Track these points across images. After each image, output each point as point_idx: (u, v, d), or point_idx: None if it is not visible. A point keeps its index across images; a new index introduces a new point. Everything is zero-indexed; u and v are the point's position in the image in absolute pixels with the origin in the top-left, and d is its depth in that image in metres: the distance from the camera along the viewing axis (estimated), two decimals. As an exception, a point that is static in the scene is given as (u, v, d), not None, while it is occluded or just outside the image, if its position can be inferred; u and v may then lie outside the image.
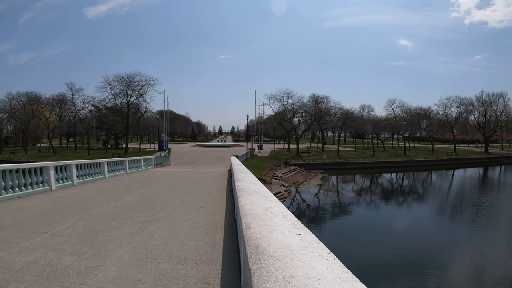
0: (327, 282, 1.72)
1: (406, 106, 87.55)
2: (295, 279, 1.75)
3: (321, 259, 2.06)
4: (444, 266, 17.71)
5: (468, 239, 22.48)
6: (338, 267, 1.93)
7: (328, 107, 79.08)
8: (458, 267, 18.04)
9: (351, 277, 1.79)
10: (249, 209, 3.70)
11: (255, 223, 2.98)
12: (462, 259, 19.21)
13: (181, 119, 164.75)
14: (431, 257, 18.48)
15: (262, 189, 5.89)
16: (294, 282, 1.71)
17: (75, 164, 17.66)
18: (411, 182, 54.68)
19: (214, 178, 22.37)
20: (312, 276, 1.79)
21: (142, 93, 70.63)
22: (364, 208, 34.09)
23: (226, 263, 5.59)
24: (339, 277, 1.78)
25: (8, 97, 77.05)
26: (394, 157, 71.60)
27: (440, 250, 19.97)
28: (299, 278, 1.76)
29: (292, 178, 48.87)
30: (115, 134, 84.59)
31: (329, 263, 1.99)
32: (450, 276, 16.74)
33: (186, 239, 6.99)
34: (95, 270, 5.18)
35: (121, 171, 24.66)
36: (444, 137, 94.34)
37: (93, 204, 11.40)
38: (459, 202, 35.43)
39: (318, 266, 1.93)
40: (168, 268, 5.32)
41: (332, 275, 1.81)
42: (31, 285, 4.60)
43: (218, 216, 9.39)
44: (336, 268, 1.92)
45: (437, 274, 16.66)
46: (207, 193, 14.55)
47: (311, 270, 1.87)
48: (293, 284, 1.68)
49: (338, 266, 1.95)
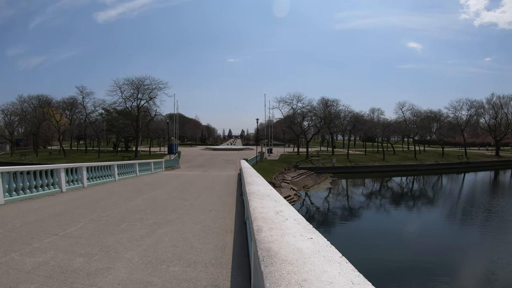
0: (340, 286, 1.72)
1: (416, 109, 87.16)
2: (308, 282, 1.75)
3: (333, 263, 2.06)
4: (454, 271, 17.57)
5: (479, 244, 22.22)
6: (350, 271, 1.93)
7: (337, 111, 78.81)
8: (468, 272, 17.85)
9: (363, 281, 1.78)
10: (260, 212, 3.71)
11: (266, 226, 2.99)
12: (472, 264, 19.01)
13: (191, 122, 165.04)
14: (441, 261, 18.31)
15: (272, 192, 5.89)
16: (307, 285, 1.71)
17: (85, 166, 17.79)
18: (421, 186, 54.19)
19: (224, 181, 22.39)
20: (324, 279, 1.79)
21: (152, 97, 71.11)
22: (374, 212, 33.90)
23: (236, 266, 5.58)
24: (351, 281, 1.78)
25: (20, 100, 78.12)
26: (404, 160, 71.00)
27: (451, 254, 19.80)
28: (311, 282, 1.76)
29: (301, 182, 48.71)
30: (125, 137, 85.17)
31: (341, 267, 1.98)
32: (460, 281, 16.58)
33: (196, 242, 7.00)
34: (105, 272, 5.21)
35: (131, 173, 24.82)
36: (454, 140, 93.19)
37: (103, 206, 11.47)
38: (469, 206, 35.04)
39: (330, 270, 1.93)
40: (178, 270, 5.32)
41: (345, 279, 1.81)
42: (41, 285, 4.63)
43: (228, 220, 9.40)
44: (348, 272, 1.91)
45: (447, 279, 16.51)
46: (217, 196, 14.57)
47: (323, 274, 1.87)
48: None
49: (350, 270, 1.94)
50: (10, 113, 76.56)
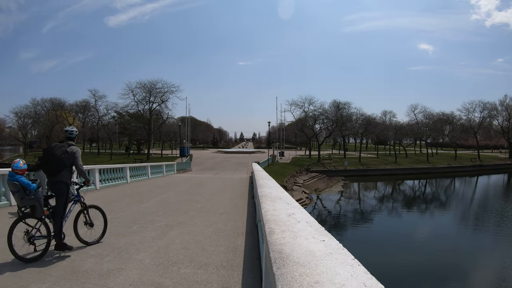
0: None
1: (429, 111, 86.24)
2: (320, 284, 1.75)
3: (346, 265, 2.05)
4: (466, 276, 17.34)
5: (491, 249, 21.86)
6: (363, 274, 1.92)
7: (349, 113, 78.43)
8: (479, 277, 17.57)
9: (376, 284, 1.77)
10: (272, 215, 3.71)
11: (279, 229, 2.99)
12: (484, 269, 18.70)
13: (203, 125, 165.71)
14: (452, 266, 18.11)
15: (284, 195, 5.89)
16: (319, 287, 1.71)
17: (98, 168, 17.97)
18: (434, 189, 53.49)
19: (235, 184, 22.41)
20: (336, 282, 1.79)
21: (164, 100, 71.80)
22: (386, 215, 33.59)
23: (247, 268, 5.60)
24: (364, 283, 1.77)
25: (33, 103, 78.93)
26: (417, 163, 70.25)
27: (462, 259, 19.54)
28: (323, 284, 1.75)
29: (313, 185, 48.49)
30: (137, 140, 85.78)
31: (353, 269, 1.98)
32: (471, 286, 16.36)
33: (208, 244, 7.03)
34: (116, 273, 5.26)
35: (143, 176, 24.97)
36: (467, 142, 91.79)
37: (115, 208, 11.54)
38: (482, 210, 34.46)
39: (342, 272, 1.92)
40: (189, 272, 5.36)
41: (357, 281, 1.80)
42: (53, 285, 4.69)
43: (240, 222, 9.41)
44: (360, 274, 1.91)
45: (458, 284, 16.32)
46: (229, 199, 14.59)
47: (336, 276, 1.87)
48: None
49: (363, 273, 1.93)
50: (23, 116, 77.69)
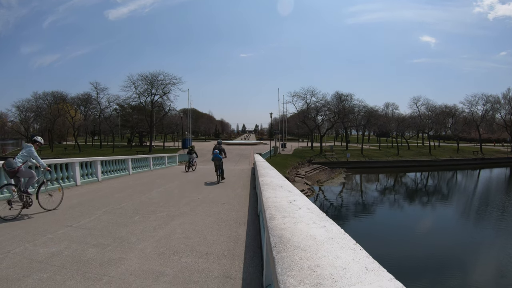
0: (353, 271, 1.68)
1: (431, 104, 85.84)
2: (321, 268, 1.72)
3: (347, 249, 2.02)
4: (467, 269, 17.41)
5: (491, 242, 21.84)
6: (365, 258, 1.89)
7: (352, 105, 78.44)
8: (479, 270, 17.60)
9: (377, 267, 1.74)
10: (273, 201, 3.69)
11: (279, 214, 2.97)
12: (484, 262, 18.72)
13: (205, 117, 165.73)
14: (452, 258, 18.20)
15: (286, 183, 5.87)
16: (319, 271, 1.68)
17: (100, 160, 17.96)
18: (436, 182, 53.42)
19: (237, 175, 22.40)
20: (337, 265, 1.76)
21: (166, 92, 71.84)
22: (388, 207, 33.61)
23: (248, 258, 5.59)
24: (365, 267, 1.74)
25: (35, 96, 79.10)
26: (419, 156, 70.22)
27: (463, 251, 19.61)
28: (324, 268, 1.73)
29: (315, 177, 48.62)
30: (139, 132, 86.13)
31: (355, 254, 1.95)
32: (472, 279, 16.38)
33: (209, 234, 7.03)
34: (117, 262, 5.25)
35: (145, 167, 25.03)
36: (470, 136, 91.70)
37: (117, 199, 11.61)
38: (484, 203, 34.44)
39: (344, 256, 1.90)
40: (191, 261, 5.35)
41: (359, 265, 1.77)
42: (54, 275, 4.68)
43: (241, 212, 9.42)
44: (362, 258, 1.88)
45: (460, 276, 16.37)
46: (231, 190, 14.57)
47: (337, 260, 1.84)
48: (318, 273, 1.65)
49: (365, 257, 1.90)
50: (25, 110, 77.66)
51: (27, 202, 8.84)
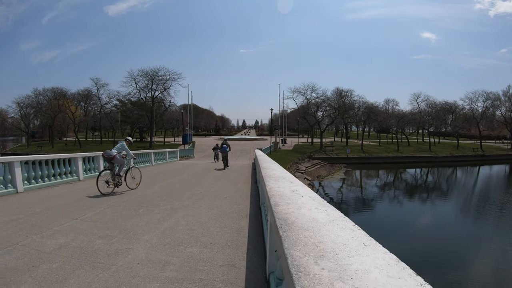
0: (352, 246, 1.86)
1: (432, 100, 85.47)
2: (323, 244, 1.90)
3: (347, 230, 2.20)
4: (465, 264, 17.51)
5: (489, 239, 21.93)
6: (363, 236, 2.08)
7: (352, 101, 78.26)
8: (479, 265, 17.74)
9: (374, 243, 1.93)
10: (277, 191, 3.84)
11: (283, 201, 3.13)
12: (484, 257, 18.85)
13: (205, 113, 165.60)
14: (452, 254, 18.29)
15: (288, 175, 6.02)
16: (322, 246, 1.86)
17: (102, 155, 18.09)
18: (436, 178, 53.43)
19: (238, 170, 22.55)
20: (338, 242, 1.94)
21: (166, 87, 71.60)
22: (388, 203, 33.65)
23: (251, 248, 5.74)
24: (363, 243, 1.93)
25: (35, 93, 78.64)
26: (419, 152, 70.16)
27: (462, 247, 19.71)
28: (326, 244, 1.91)
29: (315, 172, 48.72)
30: (139, 127, 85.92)
31: (354, 233, 2.13)
32: (471, 274, 16.54)
33: (212, 226, 7.18)
34: (124, 252, 5.40)
35: (146, 163, 25.19)
36: (470, 132, 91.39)
37: (121, 193, 11.71)
38: (483, 200, 34.46)
39: (344, 235, 2.08)
40: (195, 251, 5.50)
41: (357, 241, 1.96)
42: (63, 265, 4.81)
43: (243, 206, 9.57)
44: (360, 236, 2.06)
45: (458, 270, 16.51)
46: (232, 184, 14.74)
47: (337, 238, 2.02)
48: (321, 248, 1.82)
49: (363, 235, 2.09)
50: (26, 106, 77.03)
51: (119, 182, 12.13)
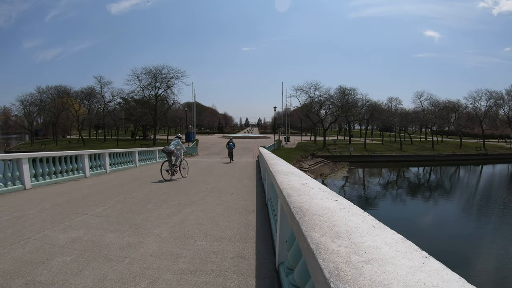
0: (363, 229, 2.07)
1: (435, 99, 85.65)
2: (337, 227, 2.10)
3: (357, 216, 2.41)
4: (467, 262, 17.62)
5: (492, 238, 22.01)
6: (372, 220, 2.29)
7: (355, 99, 78.54)
8: (481, 263, 17.83)
9: (382, 226, 2.14)
10: (288, 184, 4.01)
11: (295, 193, 3.32)
12: (486, 256, 18.94)
13: (208, 111, 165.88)
14: (454, 252, 18.37)
15: (296, 171, 6.17)
16: (336, 228, 2.06)
17: (108, 152, 18.31)
18: (439, 177, 53.40)
19: (242, 167, 22.76)
20: (350, 225, 2.15)
21: (169, 85, 72.14)
22: (390, 201, 33.78)
23: (260, 241, 5.93)
24: (373, 226, 2.13)
25: (38, 91, 79.22)
26: (422, 151, 70.32)
27: (464, 246, 19.82)
28: (340, 226, 2.11)
29: (318, 170, 48.81)
30: (143, 125, 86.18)
31: (364, 218, 2.34)
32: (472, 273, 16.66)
33: (221, 221, 7.37)
34: (136, 245, 5.57)
35: (151, 160, 25.42)
36: (473, 131, 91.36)
37: (128, 189, 11.90)
38: (486, 199, 34.53)
39: (354, 220, 2.29)
40: (206, 244, 5.69)
41: (367, 225, 2.16)
42: (77, 257, 4.95)
43: (249, 202, 9.76)
44: (370, 221, 2.27)
45: (460, 269, 16.61)
46: (237, 181, 14.95)
47: (349, 222, 2.23)
48: (336, 230, 2.03)
49: (372, 220, 2.30)
50: (29, 104, 77.70)
51: (175, 171, 15.48)
